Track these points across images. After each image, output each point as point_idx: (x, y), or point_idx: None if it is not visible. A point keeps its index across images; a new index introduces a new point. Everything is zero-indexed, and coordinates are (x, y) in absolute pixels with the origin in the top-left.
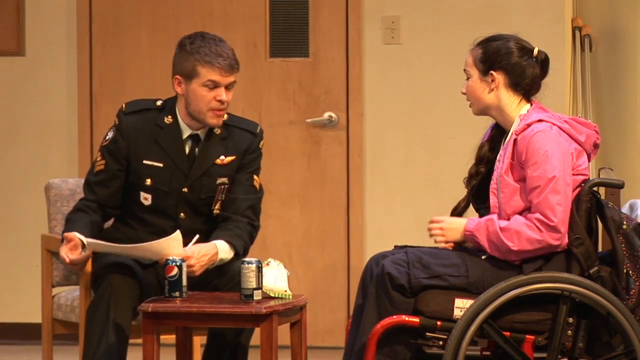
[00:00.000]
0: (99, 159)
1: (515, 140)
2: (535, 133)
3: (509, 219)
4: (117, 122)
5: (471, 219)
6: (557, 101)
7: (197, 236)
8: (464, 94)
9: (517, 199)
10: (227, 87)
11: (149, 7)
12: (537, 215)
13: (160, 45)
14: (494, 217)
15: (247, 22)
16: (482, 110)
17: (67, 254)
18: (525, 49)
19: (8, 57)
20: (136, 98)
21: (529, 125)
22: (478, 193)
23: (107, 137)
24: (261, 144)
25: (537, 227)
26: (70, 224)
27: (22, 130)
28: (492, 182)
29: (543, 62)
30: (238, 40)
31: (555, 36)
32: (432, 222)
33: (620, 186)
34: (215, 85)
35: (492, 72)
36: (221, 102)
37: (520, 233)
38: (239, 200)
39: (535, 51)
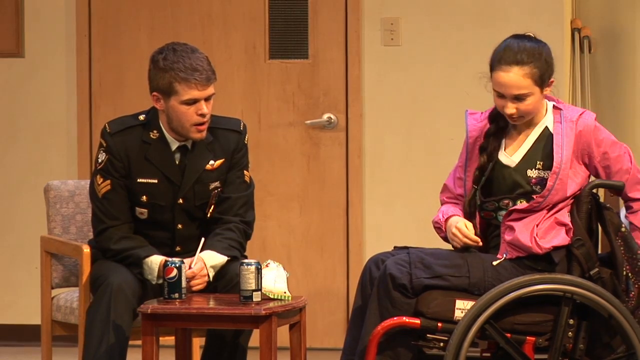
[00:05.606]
0: (100, 182)
1: (575, 129)
2: (595, 125)
3: (564, 200)
4: (104, 144)
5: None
6: None
7: (204, 239)
8: (519, 116)
9: (578, 182)
10: (207, 99)
11: (148, 9)
12: None
13: (159, 46)
14: None
15: (247, 23)
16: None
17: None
18: (534, 38)
19: (7, 58)
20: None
21: (580, 115)
22: (484, 185)
23: (100, 160)
24: (246, 139)
25: None
26: (141, 251)
27: (21, 132)
28: (554, 165)
29: None
30: (237, 42)
31: (554, 38)
32: None
33: (620, 188)
34: (194, 101)
35: (552, 80)
36: (202, 115)
37: None
38: (231, 200)
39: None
